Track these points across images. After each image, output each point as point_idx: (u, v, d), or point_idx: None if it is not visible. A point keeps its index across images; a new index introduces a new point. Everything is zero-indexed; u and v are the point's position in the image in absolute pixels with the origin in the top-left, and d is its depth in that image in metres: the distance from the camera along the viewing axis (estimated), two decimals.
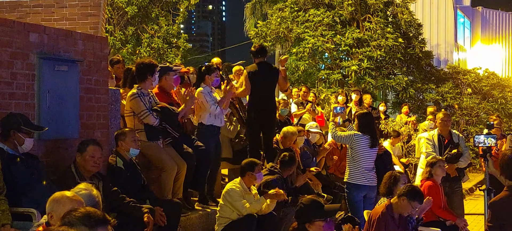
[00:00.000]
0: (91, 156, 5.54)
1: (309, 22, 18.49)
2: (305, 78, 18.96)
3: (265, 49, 9.15)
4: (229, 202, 6.78)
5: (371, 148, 7.74)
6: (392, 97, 19.86)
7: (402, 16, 18.88)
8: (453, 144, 8.43)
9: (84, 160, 5.54)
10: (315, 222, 4.91)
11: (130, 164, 6.25)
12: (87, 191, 4.05)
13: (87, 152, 5.54)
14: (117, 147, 6.32)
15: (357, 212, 7.42)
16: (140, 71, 6.88)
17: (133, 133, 6.38)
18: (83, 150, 5.56)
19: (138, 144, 6.39)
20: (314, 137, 10.05)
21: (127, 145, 6.23)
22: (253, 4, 29.61)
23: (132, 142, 6.26)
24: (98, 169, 5.67)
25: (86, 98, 6.35)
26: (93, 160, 5.55)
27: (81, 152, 5.58)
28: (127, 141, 6.24)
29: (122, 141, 6.26)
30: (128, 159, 6.24)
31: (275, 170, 7.64)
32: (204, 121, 7.79)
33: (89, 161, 5.54)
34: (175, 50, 18.67)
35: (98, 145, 5.68)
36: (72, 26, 9.78)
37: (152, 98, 6.92)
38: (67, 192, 3.87)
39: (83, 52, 6.33)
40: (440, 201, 7.54)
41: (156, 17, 18.69)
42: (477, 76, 20.33)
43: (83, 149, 5.57)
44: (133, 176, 6.22)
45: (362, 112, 8.23)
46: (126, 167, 6.17)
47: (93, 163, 5.56)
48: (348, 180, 7.82)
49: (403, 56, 18.31)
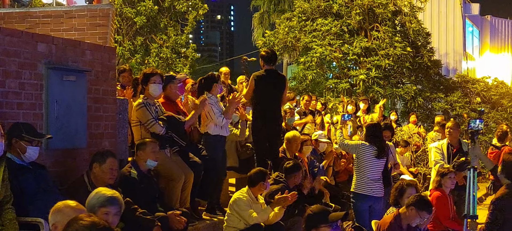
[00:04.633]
0: (110, 168, 5.51)
1: (316, 31, 18.52)
2: (313, 87, 18.97)
3: (276, 56, 8.83)
4: (236, 211, 6.76)
5: (377, 159, 7.71)
6: (401, 106, 19.81)
7: (410, 25, 18.88)
8: (462, 152, 8.40)
9: (103, 171, 5.49)
10: (321, 228, 4.96)
11: (145, 175, 6.18)
12: (111, 193, 4.15)
13: (107, 163, 5.50)
14: (136, 156, 6.27)
15: (363, 221, 7.38)
16: (142, 81, 6.92)
17: (154, 144, 6.26)
18: (103, 161, 5.50)
19: (157, 156, 6.30)
20: (322, 146, 10.03)
21: (146, 155, 6.16)
22: (261, 14, 29.73)
23: (152, 153, 6.18)
24: (114, 180, 5.61)
25: (94, 108, 6.36)
26: (111, 172, 5.51)
27: (100, 163, 5.51)
28: (147, 151, 6.16)
29: (142, 150, 6.18)
30: (145, 170, 6.19)
31: (280, 179, 7.60)
32: (210, 131, 7.73)
33: (108, 173, 5.49)
34: (183, 60, 18.73)
35: (116, 157, 5.66)
36: (81, 36, 9.81)
37: (158, 107, 6.92)
38: (70, 201, 3.86)
39: (91, 62, 6.36)
40: (449, 211, 7.50)
41: (165, 27, 18.77)
42: (486, 85, 20.28)
43: (103, 160, 5.51)
44: (148, 187, 6.15)
45: (370, 123, 8.28)
46: (141, 177, 6.10)
47: (111, 175, 5.52)
48: (354, 190, 7.80)
49: (411, 65, 18.29)
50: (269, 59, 8.55)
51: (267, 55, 8.57)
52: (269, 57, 8.56)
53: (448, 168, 7.89)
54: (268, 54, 8.60)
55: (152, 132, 6.72)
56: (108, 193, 4.32)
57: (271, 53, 8.69)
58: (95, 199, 4.27)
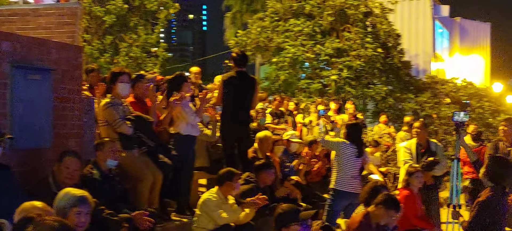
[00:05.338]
0: (66, 167, 5.45)
1: (289, 32, 18.57)
2: (286, 87, 18.99)
3: (246, 59, 8.81)
4: (205, 212, 6.71)
5: (357, 157, 7.86)
6: (372, 106, 19.96)
7: (381, 26, 19.04)
8: (431, 152, 8.49)
9: (60, 171, 5.45)
10: (291, 226, 4.97)
11: (107, 175, 6.13)
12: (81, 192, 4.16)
13: (63, 162, 5.46)
14: (96, 157, 6.21)
15: (333, 220, 7.42)
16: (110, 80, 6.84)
17: (112, 144, 6.25)
18: (60, 160, 5.48)
19: (117, 155, 6.27)
20: (293, 146, 10.03)
21: (105, 155, 6.12)
22: (233, 14, 29.72)
23: (110, 153, 6.15)
24: (73, 181, 5.47)
25: (59, 108, 6.26)
26: (67, 171, 5.44)
27: (58, 162, 5.50)
28: (105, 151, 6.13)
29: (100, 151, 6.16)
30: (107, 170, 6.14)
31: (251, 179, 7.58)
32: (182, 131, 7.67)
33: (63, 172, 5.44)
34: (153, 59, 18.57)
35: (76, 157, 5.57)
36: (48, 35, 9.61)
37: (126, 107, 6.84)
38: (37, 202, 3.82)
39: (57, 61, 6.25)
40: (417, 210, 7.57)
41: (135, 26, 18.57)
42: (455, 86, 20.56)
43: (60, 159, 5.49)
44: (111, 188, 6.09)
45: (350, 123, 8.51)
46: (103, 178, 6.05)
47: (67, 174, 5.44)
48: (335, 187, 7.88)
49: (382, 66, 18.45)
50: (239, 61, 8.55)
51: (238, 58, 8.56)
52: (239, 59, 8.56)
53: (416, 167, 7.96)
54: (238, 56, 8.59)
55: (119, 132, 6.64)
56: (77, 193, 4.32)
57: (241, 56, 8.68)
58: (65, 200, 4.24)
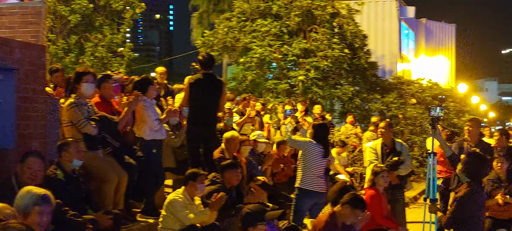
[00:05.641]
0: (29, 167, 5.37)
1: (256, 32, 18.56)
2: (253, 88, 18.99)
3: (213, 61, 8.82)
4: (171, 212, 6.66)
5: (323, 157, 7.91)
6: (339, 107, 20.09)
7: (348, 27, 19.15)
8: (396, 152, 8.58)
9: (22, 171, 5.37)
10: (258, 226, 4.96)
11: (71, 175, 6.07)
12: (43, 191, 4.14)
13: (26, 163, 5.37)
14: (59, 157, 6.13)
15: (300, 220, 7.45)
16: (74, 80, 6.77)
17: (77, 144, 6.20)
18: (23, 161, 5.40)
19: (82, 155, 6.22)
20: (260, 147, 10.04)
21: (70, 155, 6.05)
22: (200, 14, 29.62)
23: (76, 153, 6.08)
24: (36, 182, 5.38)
25: (23, 108, 6.16)
26: (30, 172, 5.36)
27: (21, 163, 5.42)
28: (71, 151, 6.06)
29: (65, 151, 6.07)
30: (71, 170, 6.07)
31: (217, 180, 7.55)
32: (145, 136, 7.55)
33: (26, 172, 5.36)
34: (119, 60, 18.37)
35: (39, 158, 5.49)
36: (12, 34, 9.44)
37: (90, 107, 6.76)
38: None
39: (20, 61, 6.16)
40: (382, 209, 7.65)
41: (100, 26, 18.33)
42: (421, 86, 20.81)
43: (23, 160, 5.41)
44: (75, 188, 6.04)
45: (317, 123, 8.46)
46: (67, 178, 5.99)
47: (29, 175, 5.36)
48: (300, 186, 7.91)
49: (349, 66, 18.57)
50: (206, 64, 8.57)
51: (204, 60, 8.57)
52: (206, 62, 8.57)
53: (382, 167, 8.05)
54: (204, 59, 8.60)
55: (84, 132, 6.56)
56: (40, 191, 4.29)
57: (207, 58, 8.69)
58: (27, 198, 4.18)
